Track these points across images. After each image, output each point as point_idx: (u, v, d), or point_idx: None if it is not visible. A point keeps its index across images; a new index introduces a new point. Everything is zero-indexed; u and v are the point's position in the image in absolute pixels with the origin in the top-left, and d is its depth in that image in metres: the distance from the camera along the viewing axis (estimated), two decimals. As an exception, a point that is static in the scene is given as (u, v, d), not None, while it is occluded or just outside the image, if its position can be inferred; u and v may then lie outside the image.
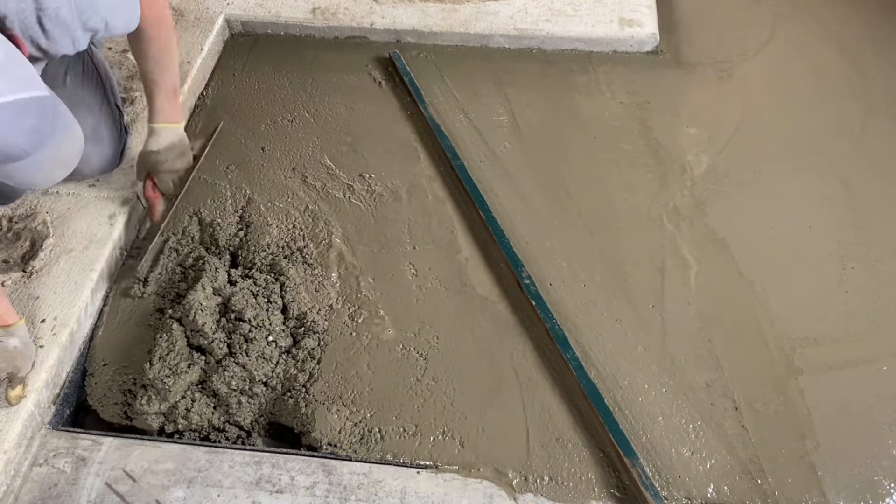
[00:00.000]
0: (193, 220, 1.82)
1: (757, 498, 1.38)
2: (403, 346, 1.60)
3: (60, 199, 1.77)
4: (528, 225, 1.82)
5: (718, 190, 1.90)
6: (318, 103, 2.14)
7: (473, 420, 1.49)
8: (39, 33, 1.29)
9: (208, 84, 2.21)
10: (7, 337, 1.39)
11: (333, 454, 1.43)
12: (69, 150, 1.22)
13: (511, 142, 2.03)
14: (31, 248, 1.66)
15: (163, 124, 1.65)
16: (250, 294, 1.60)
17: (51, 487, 1.37)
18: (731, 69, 2.24)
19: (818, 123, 2.07)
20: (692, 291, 1.69)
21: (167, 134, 1.65)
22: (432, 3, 2.36)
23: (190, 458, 1.41)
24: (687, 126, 2.06)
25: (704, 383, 1.54)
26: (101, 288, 1.67)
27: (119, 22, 1.44)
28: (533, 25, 2.28)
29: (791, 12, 2.45)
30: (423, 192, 1.91)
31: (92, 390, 1.55)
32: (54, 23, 1.29)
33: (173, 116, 1.66)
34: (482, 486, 1.38)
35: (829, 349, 1.58)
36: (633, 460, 1.38)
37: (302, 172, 1.95)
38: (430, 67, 2.24)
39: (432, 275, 1.73)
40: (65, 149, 1.20)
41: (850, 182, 1.92)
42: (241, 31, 2.37)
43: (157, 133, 1.65)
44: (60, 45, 1.34)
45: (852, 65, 2.25)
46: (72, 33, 1.34)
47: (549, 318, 1.60)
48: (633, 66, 2.25)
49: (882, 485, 1.39)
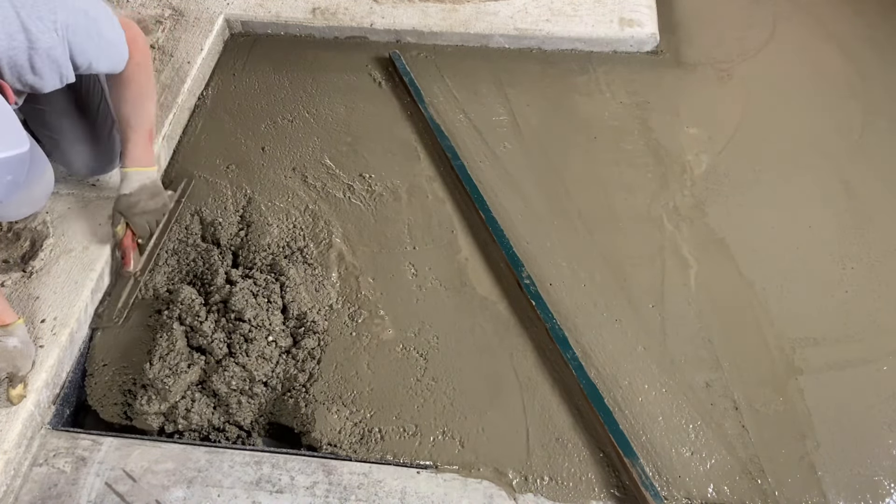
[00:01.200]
0: (195, 219, 1.83)
1: (757, 498, 1.38)
2: (403, 346, 1.60)
3: (60, 199, 1.76)
4: (528, 225, 1.82)
5: (718, 190, 1.90)
6: (318, 103, 2.14)
7: (473, 420, 1.49)
8: (28, 71, 1.28)
9: (208, 84, 2.21)
10: (6, 336, 1.39)
11: (333, 454, 1.43)
12: (40, 191, 1.25)
13: (511, 142, 2.03)
14: (31, 248, 1.66)
15: (134, 169, 1.63)
16: (250, 294, 1.60)
17: (51, 487, 1.37)
18: (731, 69, 2.24)
19: (818, 123, 2.07)
20: (692, 291, 1.69)
21: (138, 177, 1.64)
22: (432, 3, 2.36)
23: (190, 458, 1.41)
24: (687, 126, 2.07)
25: (704, 383, 1.54)
26: (101, 288, 1.67)
27: (104, 65, 1.44)
28: (533, 25, 2.28)
29: (791, 12, 2.45)
30: (423, 192, 1.91)
31: (92, 390, 1.55)
32: (44, 62, 1.28)
33: (145, 161, 1.64)
34: (482, 486, 1.38)
35: (829, 349, 1.58)
36: (633, 460, 1.38)
37: (302, 172, 1.95)
38: (430, 67, 2.24)
39: (432, 275, 1.73)
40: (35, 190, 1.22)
41: (850, 182, 1.92)
42: (241, 31, 2.37)
43: (129, 178, 1.63)
44: (48, 82, 1.33)
45: (852, 65, 2.25)
46: (61, 70, 1.34)
47: (549, 318, 1.60)
48: (633, 66, 2.25)
49: (882, 485, 1.39)
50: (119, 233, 1.66)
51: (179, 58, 2.16)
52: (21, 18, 1.22)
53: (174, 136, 2.03)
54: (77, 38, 1.32)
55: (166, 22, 2.28)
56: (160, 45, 2.20)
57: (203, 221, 1.82)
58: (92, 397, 1.54)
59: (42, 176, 1.20)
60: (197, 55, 2.17)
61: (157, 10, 2.32)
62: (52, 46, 1.27)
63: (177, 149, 2.02)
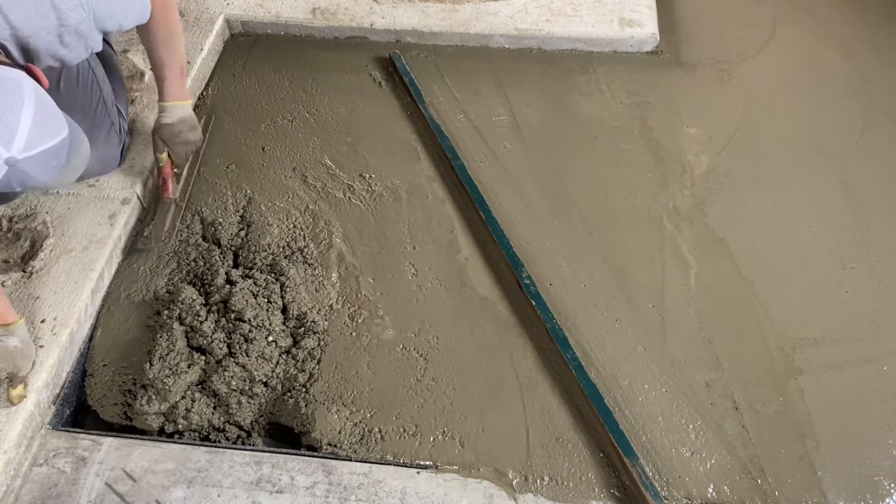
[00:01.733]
0: (196, 219, 1.83)
1: (757, 498, 1.38)
2: (403, 346, 1.60)
3: (60, 199, 1.77)
4: (528, 225, 1.82)
5: (718, 190, 1.90)
6: (318, 103, 2.14)
7: (473, 420, 1.49)
8: (58, 46, 1.38)
9: (208, 84, 2.21)
10: (6, 336, 1.39)
11: (333, 454, 1.43)
12: (79, 160, 1.32)
13: (511, 142, 2.03)
14: (31, 248, 1.66)
15: (173, 102, 1.73)
16: (250, 294, 1.60)
17: (51, 487, 1.37)
18: (731, 69, 2.24)
19: (818, 123, 2.07)
20: (692, 291, 1.69)
21: (178, 110, 1.74)
22: (432, 3, 2.36)
23: (190, 458, 1.41)
24: (687, 126, 2.07)
25: (704, 383, 1.54)
26: (101, 288, 1.67)
27: (132, 21, 1.53)
28: (533, 25, 2.28)
29: (791, 12, 2.45)
30: (423, 192, 1.91)
31: (92, 390, 1.55)
32: (73, 36, 1.39)
33: (182, 95, 1.75)
34: (482, 486, 1.38)
35: (829, 349, 1.58)
36: (633, 460, 1.38)
37: (302, 172, 1.95)
38: (430, 67, 2.24)
39: (432, 275, 1.73)
40: (74, 160, 1.30)
41: (850, 182, 1.92)
42: (241, 31, 2.37)
43: (168, 110, 1.73)
44: (76, 53, 1.44)
45: (852, 65, 2.25)
46: (87, 41, 1.44)
47: (549, 318, 1.60)
48: (633, 66, 2.25)
49: (882, 485, 1.39)
50: (162, 159, 1.78)
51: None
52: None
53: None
54: (102, 6, 1.41)
55: (166, 22, 2.28)
56: (160, 45, 2.20)
57: (203, 221, 1.82)
58: (92, 397, 1.54)
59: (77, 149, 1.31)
60: (197, 55, 2.17)
61: (157, 10, 2.32)
62: (81, 21, 1.37)
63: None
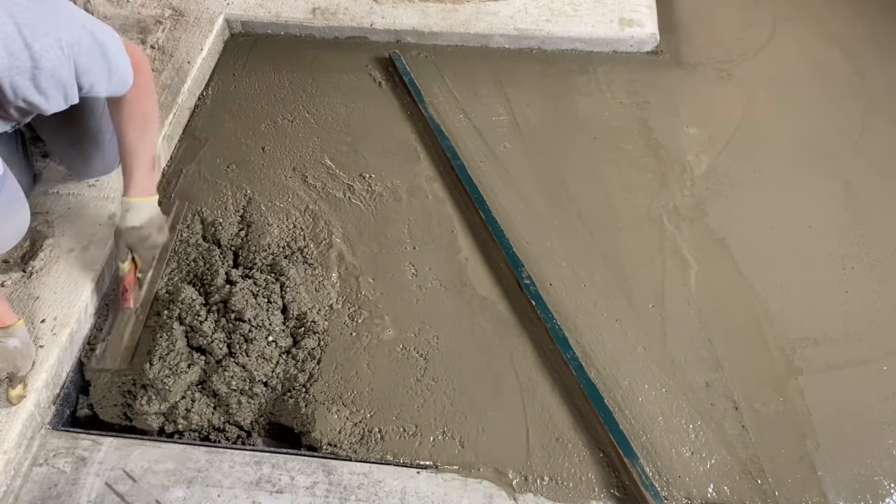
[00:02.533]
0: (196, 219, 1.83)
1: (757, 498, 1.38)
2: (403, 346, 1.60)
3: (60, 199, 1.77)
4: (528, 225, 1.82)
5: (718, 190, 1.90)
6: (318, 103, 2.14)
7: (473, 420, 1.49)
8: (33, 91, 1.23)
9: (208, 84, 2.21)
10: (7, 337, 1.39)
11: (333, 454, 1.43)
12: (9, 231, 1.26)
13: (511, 142, 2.03)
14: (31, 248, 1.66)
15: (140, 199, 1.55)
16: (250, 294, 1.60)
17: (51, 487, 1.37)
18: (731, 69, 2.24)
19: (818, 123, 2.07)
20: (692, 291, 1.69)
21: (145, 209, 1.55)
22: (432, 3, 2.36)
23: (190, 458, 1.41)
24: (687, 126, 2.07)
25: (704, 383, 1.54)
26: (101, 288, 1.67)
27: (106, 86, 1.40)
28: (533, 25, 2.28)
29: (791, 12, 2.45)
30: (423, 192, 1.91)
31: (92, 390, 1.55)
32: (49, 81, 1.24)
33: (150, 190, 1.58)
34: (482, 486, 1.38)
35: (829, 349, 1.58)
36: (633, 460, 1.38)
37: (302, 172, 1.95)
38: (430, 67, 2.24)
39: (432, 275, 1.73)
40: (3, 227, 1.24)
41: (850, 182, 1.92)
42: (241, 31, 2.38)
43: (136, 208, 1.54)
44: (53, 102, 1.29)
45: (852, 65, 2.25)
46: (66, 89, 1.29)
47: (549, 318, 1.60)
48: (633, 66, 2.25)
49: (882, 485, 1.39)
50: (125, 268, 1.58)
51: (179, 58, 2.16)
52: (24, 36, 1.16)
53: (174, 136, 2.03)
54: (82, 59, 1.28)
55: (166, 22, 2.28)
56: (160, 45, 2.20)
57: (203, 221, 1.82)
58: (92, 397, 1.54)
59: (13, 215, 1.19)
60: (197, 55, 2.17)
61: (157, 10, 2.32)
62: (58, 65, 1.23)
63: (176, 149, 2.02)
